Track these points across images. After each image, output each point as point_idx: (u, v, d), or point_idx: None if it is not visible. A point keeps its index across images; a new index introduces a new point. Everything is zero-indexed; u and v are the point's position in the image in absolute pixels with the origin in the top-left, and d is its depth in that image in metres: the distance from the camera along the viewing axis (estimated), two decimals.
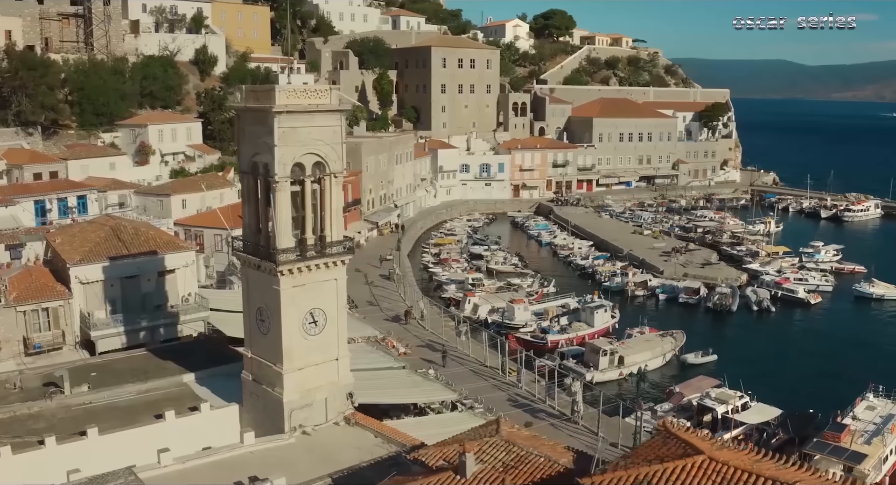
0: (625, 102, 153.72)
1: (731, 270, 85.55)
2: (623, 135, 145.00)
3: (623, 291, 78.39)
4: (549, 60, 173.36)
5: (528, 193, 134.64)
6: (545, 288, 78.16)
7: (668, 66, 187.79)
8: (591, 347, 54.81)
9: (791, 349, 64.11)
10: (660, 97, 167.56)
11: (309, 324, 32.54)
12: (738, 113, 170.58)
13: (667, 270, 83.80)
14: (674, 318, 71.18)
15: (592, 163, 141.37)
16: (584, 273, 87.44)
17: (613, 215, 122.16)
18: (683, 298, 75.47)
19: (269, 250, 31.36)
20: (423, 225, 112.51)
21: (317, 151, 31.67)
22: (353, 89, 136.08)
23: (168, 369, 40.14)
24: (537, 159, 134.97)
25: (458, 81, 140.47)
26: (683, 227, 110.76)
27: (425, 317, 64.18)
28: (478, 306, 67.39)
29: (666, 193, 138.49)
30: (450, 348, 57.84)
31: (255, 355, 34.02)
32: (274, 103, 30.48)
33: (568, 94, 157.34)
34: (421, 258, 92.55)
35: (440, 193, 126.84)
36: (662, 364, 57.87)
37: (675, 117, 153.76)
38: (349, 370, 34.46)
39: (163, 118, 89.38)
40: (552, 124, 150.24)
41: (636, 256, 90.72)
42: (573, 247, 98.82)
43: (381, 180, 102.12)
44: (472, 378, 52.14)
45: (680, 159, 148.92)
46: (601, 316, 63.19)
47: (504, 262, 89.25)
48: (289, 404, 32.40)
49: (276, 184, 30.78)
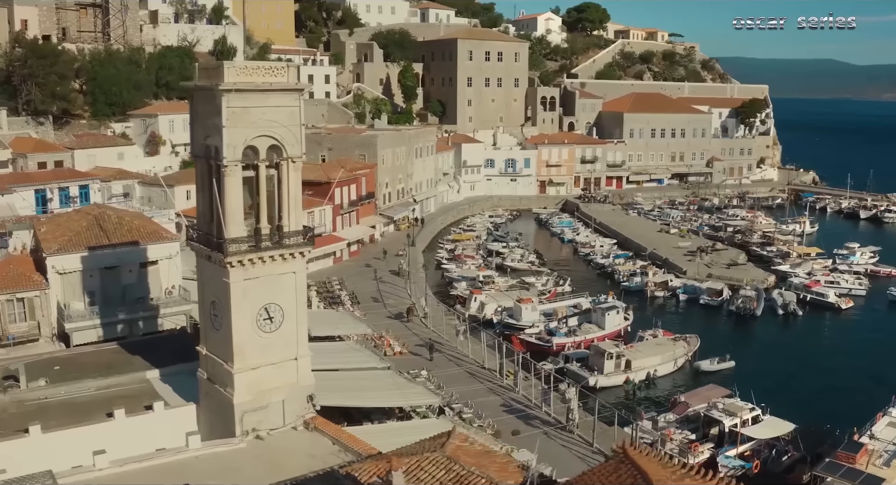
0: (657, 97, 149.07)
1: (758, 271, 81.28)
2: (655, 131, 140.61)
3: (642, 292, 74.81)
4: (581, 55, 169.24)
5: (555, 190, 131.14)
6: (560, 287, 74.96)
7: (705, 61, 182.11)
8: (595, 350, 51.58)
9: (815, 358, 59.87)
10: (695, 92, 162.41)
11: (264, 320, 30.12)
12: (781, 113, 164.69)
13: (690, 270, 79.91)
14: (693, 321, 67.53)
15: (622, 159, 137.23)
16: (604, 272, 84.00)
17: (641, 213, 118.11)
18: (705, 299, 71.64)
19: (219, 240, 28.98)
20: (444, 220, 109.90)
21: (272, 134, 29.18)
22: (377, 82, 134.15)
23: (134, 365, 38.07)
24: (565, 155, 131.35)
25: (485, 75, 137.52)
26: (713, 226, 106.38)
27: (428, 315, 61.54)
28: (484, 305, 64.54)
29: (698, 191, 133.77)
30: (449, 348, 55.26)
31: (209, 353, 31.75)
32: (222, 80, 28.08)
33: (599, 89, 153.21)
34: (436, 254, 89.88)
35: (464, 189, 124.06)
36: (673, 370, 54.35)
37: (711, 113, 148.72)
38: (310, 371, 31.97)
39: (174, 108, 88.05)
40: (582, 120, 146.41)
41: (659, 256, 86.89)
42: (595, 245, 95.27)
43: (398, 174, 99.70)
44: (468, 381, 49.41)
45: (714, 157, 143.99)
46: (613, 318, 59.84)
47: (521, 259, 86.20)
48: (240, 406, 30.04)
49: (225, 168, 28.39)
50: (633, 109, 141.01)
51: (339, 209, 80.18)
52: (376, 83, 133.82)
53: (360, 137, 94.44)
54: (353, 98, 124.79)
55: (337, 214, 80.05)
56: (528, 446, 39.51)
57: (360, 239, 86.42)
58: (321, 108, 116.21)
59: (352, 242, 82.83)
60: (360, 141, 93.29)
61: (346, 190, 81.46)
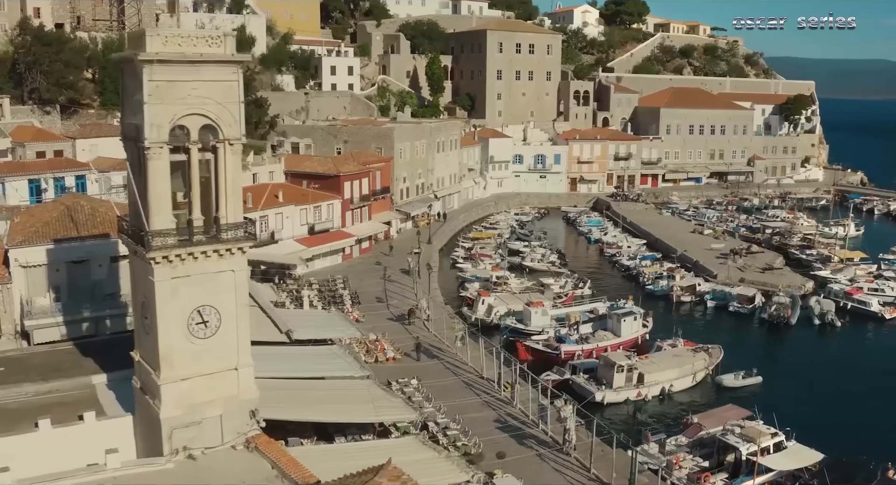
0: (697, 92, 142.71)
1: (795, 276, 75.34)
2: (693, 127, 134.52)
3: (667, 297, 69.69)
4: (618, 48, 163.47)
5: (587, 187, 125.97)
6: (579, 290, 70.31)
7: (749, 56, 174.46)
8: (605, 362, 46.90)
9: (852, 375, 53.95)
10: (737, 88, 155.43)
11: (196, 324, 26.44)
12: (831, 113, 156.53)
13: (721, 274, 74.44)
14: (720, 329, 62.32)
15: (658, 156, 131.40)
16: (629, 275, 78.90)
17: (675, 213, 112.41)
18: (735, 306, 66.25)
19: (142, 233, 25.36)
20: (466, 218, 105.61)
21: (205, 112, 25.44)
22: (403, 74, 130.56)
23: (83, 368, 34.79)
24: (597, 151, 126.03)
25: (516, 67, 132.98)
26: (750, 227, 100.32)
27: (431, 317, 57.48)
28: (492, 308, 60.22)
29: (738, 191, 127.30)
30: (448, 355, 51.17)
31: (141, 359, 28.18)
32: (144, 49, 24.42)
33: (636, 83, 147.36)
34: (453, 252, 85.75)
35: (490, 185, 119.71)
36: (692, 385, 49.32)
37: (753, 109, 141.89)
38: (253, 382, 28.18)
39: None
40: (617, 115, 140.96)
41: (689, 258, 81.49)
42: (622, 245, 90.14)
43: (418, 169, 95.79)
44: (462, 392, 45.29)
45: (756, 155, 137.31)
46: (630, 325, 55.00)
47: (542, 259, 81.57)
48: (168, 422, 26.40)
49: (148, 150, 24.73)
50: (671, 104, 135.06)
51: (348, 204, 76.58)
52: (403, 76, 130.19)
53: (376, 130, 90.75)
54: (378, 90, 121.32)
55: (346, 209, 76.47)
56: (516, 470, 35.39)
57: (373, 235, 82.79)
58: (343, 101, 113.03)
59: (363, 239, 79.18)
60: (377, 133, 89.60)
61: (356, 184, 77.82)
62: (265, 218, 67.94)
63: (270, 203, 68.97)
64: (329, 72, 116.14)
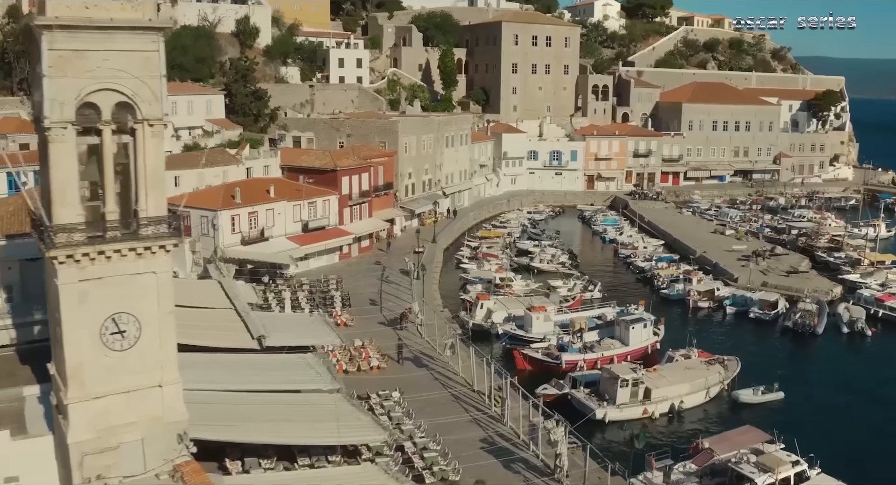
0: (721, 87, 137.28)
1: (822, 280, 70.27)
2: (717, 123, 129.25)
3: (683, 302, 65.11)
4: (640, 42, 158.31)
5: (605, 185, 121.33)
6: (589, 293, 65.99)
7: (776, 51, 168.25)
8: (607, 375, 42.53)
9: (886, 391, 48.83)
10: (763, 83, 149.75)
11: (111, 334, 22.70)
12: (861, 113, 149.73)
13: (742, 277, 69.68)
14: (739, 338, 57.61)
15: (680, 153, 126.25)
16: (644, 277, 74.32)
17: (696, 212, 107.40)
18: (756, 313, 61.50)
19: (41, 228, 21.66)
20: (476, 215, 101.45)
21: (118, 87, 21.65)
22: (415, 67, 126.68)
23: (17, 377, 31.20)
24: (615, 147, 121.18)
25: (532, 61, 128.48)
26: (775, 228, 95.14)
27: (424, 322, 53.51)
28: (491, 312, 56.04)
29: (763, 190, 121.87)
30: (440, 364, 47.20)
31: (56, 373, 24.51)
32: (44, 13, 20.68)
33: (658, 78, 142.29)
34: (459, 252, 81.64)
35: (504, 182, 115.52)
36: (705, 401, 44.79)
37: (780, 105, 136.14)
38: (181, 401, 24.35)
39: (177, 89, 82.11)
40: (637, 110, 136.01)
41: (709, 259, 76.75)
42: (638, 246, 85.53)
43: (425, 164, 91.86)
44: (448, 407, 41.31)
45: (782, 153, 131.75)
46: (639, 333, 50.60)
47: (552, 259, 77.24)
48: (78, 447, 22.70)
49: (48, 131, 21.01)
50: (694, 99, 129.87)
51: (346, 200, 72.82)
52: (414, 69, 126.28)
53: (380, 123, 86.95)
54: (388, 84, 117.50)
55: (344, 206, 72.72)
56: None
57: (375, 233, 79.08)
58: (350, 94, 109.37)
59: (362, 237, 75.42)
60: (380, 127, 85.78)
61: (355, 179, 74.02)
62: (254, 214, 64.48)
63: (261, 198, 65.45)
64: (337, 64, 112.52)
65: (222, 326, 43.45)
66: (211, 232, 62.77)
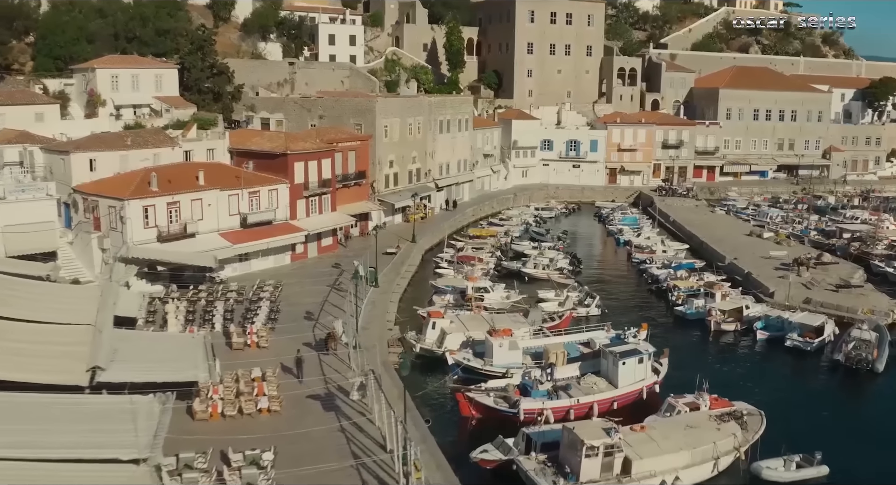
0: (764, 72, 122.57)
1: (880, 297, 56.14)
2: (759, 112, 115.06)
3: (703, 323, 51.93)
4: (675, 24, 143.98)
5: (628, 180, 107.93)
6: (585, 309, 53.30)
7: (827, 35, 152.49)
8: (569, 438, 29.73)
9: None
10: (812, 69, 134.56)
11: None
12: None
13: (779, 292, 56.14)
14: (770, 378, 44.25)
15: (716, 145, 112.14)
16: (659, 289, 61.08)
17: (731, 211, 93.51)
18: (795, 340, 47.95)
19: None
20: (475, 212, 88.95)
21: None
22: (419, 47, 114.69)
23: None
24: (641, 137, 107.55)
25: (550, 40, 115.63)
26: (823, 230, 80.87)
27: (360, 345, 41.23)
28: (445, 334, 43.67)
29: (810, 188, 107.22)
30: (355, 408, 34.94)
31: None
32: None
33: (693, 62, 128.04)
34: (442, 254, 69.15)
35: (513, 175, 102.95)
36: (711, 476, 31.60)
37: (831, 93, 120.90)
38: None
39: (121, 62, 71.36)
40: (669, 97, 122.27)
41: (739, 268, 63.36)
42: (656, 249, 72.26)
43: (412, 151, 79.70)
44: (344, 477, 29.06)
45: (833, 146, 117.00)
46: (631, 370, 37.82)
47: (548, 265, 64.50)
48: None
49: None
50: (733, 85, 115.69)
51: (300, 190, 61.05)
52: (418, 49, 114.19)
53: (355, 102, 75.04)
54: (385, 64, 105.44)
55: (298, 197, 60.98)
56: None
57: (344, 229, 67.41)
58: (340, 74, 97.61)
59: (323, 234, 63.70)
60: (355, 107, 73.79)
61: (313, 166, 62.18)
62: (175, 205, 53.09)
63: (186, 186, 54.04)
64: (327, 41, 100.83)
65: (61, 351, 32.28)
66: (119, 225, 51.65)
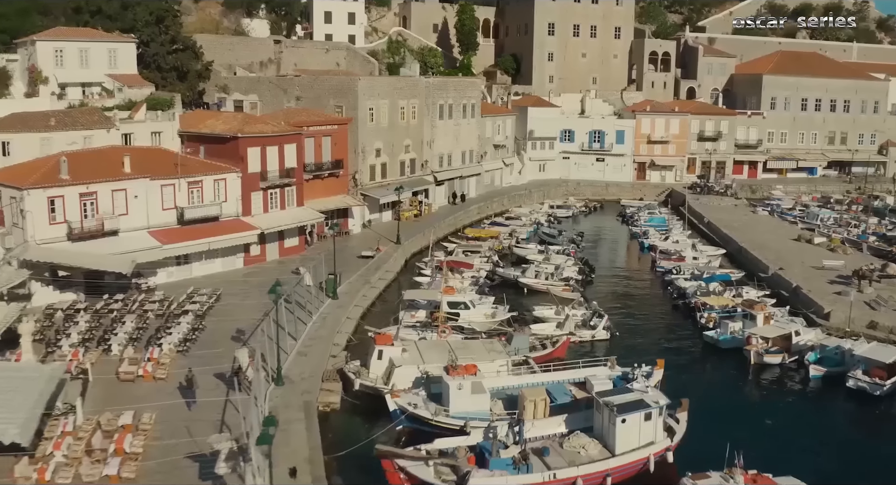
0: (813, 57, 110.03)
1: None
2: (807, 101, 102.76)
3: (740, 352, 40.95)
4: (714, 7, 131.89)
5: (659, 175, 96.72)
6: (590, 332, 42.68)
7: (882, 21, 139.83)
8: None
9: None
10: (866, 56, 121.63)
11: None
12: None
13: (836, 313, 44.89)
14: (832, 433, 33.27)
15: (759, 138, 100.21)
16: (686, 305, 50.00)
17: (775, 212, 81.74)
18: (859, 381, 36.81)
19: None
20: (481, 209, 78.58)
21: None
22: (429, 28, 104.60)
23: None
24: (674, 128, 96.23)
25: (573, 21, 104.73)
26: (885, 236, 68.91)
27: (273, 379, 31.33)
28: (394, 367, 33.36)
29: (865, 186, 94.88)
30: None
31: None
32: None
33: (733, 47, 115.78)
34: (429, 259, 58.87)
35: (529, 169, 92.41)
36: None
37: (888, 81, 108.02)
38: None
39: (67, 34, 62.26)
40: (706, 85, 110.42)
41: (786, 281, 52.09)
42: (686, 255, 61.17)
43: (404, 139, 69.58)
44: None
45: (890, 141, 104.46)
46: (633, 430, 27.22)
47: (553, 273, 53.87)
48: None
49: None
50: (778, 71, 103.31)
51: (255, 181, 51.26)
52: (428, 30, 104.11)
53: (335, 80, 65.06)
54: (388, 45, 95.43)
55: (253, 189, 51.21)
56: None
57: (316, 227, 57.78)
58: (336, 55, 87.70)
59: (287, 234, 53.98)
60: (336, 86, 63.80)
61: (273, 152, 52.32)
62: (90, 196, 43.65)
63: (106, 174, 44.60)
64: (322, 19, 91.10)
65: None
66: (20, 220, 42.44)
